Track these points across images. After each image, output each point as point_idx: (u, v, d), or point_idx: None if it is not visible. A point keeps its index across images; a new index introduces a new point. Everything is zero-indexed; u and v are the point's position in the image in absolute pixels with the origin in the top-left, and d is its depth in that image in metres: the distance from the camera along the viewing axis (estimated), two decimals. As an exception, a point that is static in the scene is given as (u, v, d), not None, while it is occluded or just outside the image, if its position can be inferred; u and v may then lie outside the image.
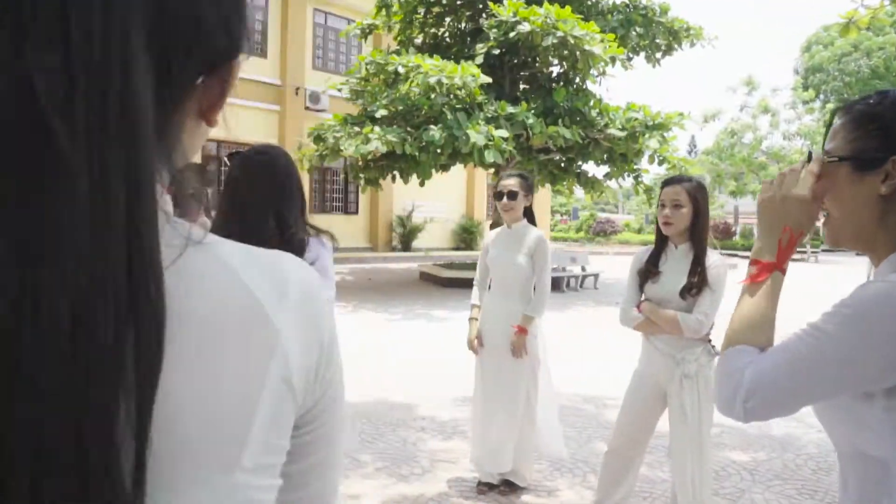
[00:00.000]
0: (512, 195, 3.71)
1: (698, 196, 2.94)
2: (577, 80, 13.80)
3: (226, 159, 2.05)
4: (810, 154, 1.20)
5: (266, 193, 2.03)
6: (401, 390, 5.78)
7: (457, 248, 23.85)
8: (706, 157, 32.37)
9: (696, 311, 2.86)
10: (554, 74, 14.23)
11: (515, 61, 13.57)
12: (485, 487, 3.70)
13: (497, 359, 3.71)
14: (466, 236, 24.02)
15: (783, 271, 1.19)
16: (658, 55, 15.22)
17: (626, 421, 3.06)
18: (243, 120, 19.27)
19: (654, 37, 14.58)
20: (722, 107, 45.69)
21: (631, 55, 14.90)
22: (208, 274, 0.54)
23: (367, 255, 21.27)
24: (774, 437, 4.81)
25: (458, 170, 18.77)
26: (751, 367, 1.09)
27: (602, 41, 11.96)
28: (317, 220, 11.09)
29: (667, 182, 3.03)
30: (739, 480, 4.02)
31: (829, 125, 1.21)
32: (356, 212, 22.71)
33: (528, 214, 3.84)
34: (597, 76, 13.53)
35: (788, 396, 1.07)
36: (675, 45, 15.02)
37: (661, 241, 3.07)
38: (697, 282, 2.88)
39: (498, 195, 3.77)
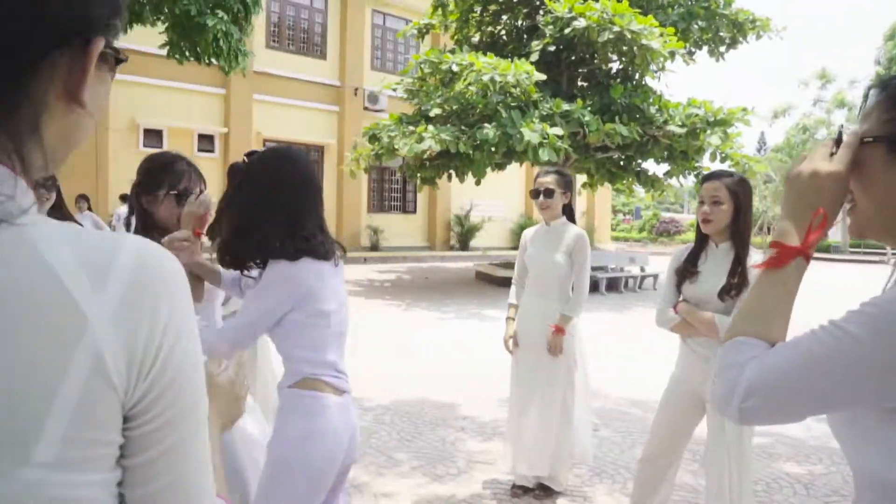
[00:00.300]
0: (548, 193, 3.63)
1: (739, 192, 2.79)
2: (636, 76, 13.48)
3: (245, 158, 2.00)
4: (841, 132, 1.06)
5: (279, 195, 1.94)
6: (445, 389, 5.75)
7: (515, 248, 23.65)
8: (775, 155, 31.12)
9: (734, 313, 2.71)
10: (613, 71, 13.95)
11: (573, 58, 13.36)
12: (519, 490, 3.63)
13: (533, 359, 3.63)
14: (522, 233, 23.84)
15: (808, 258, 1.03)
16: (722, 49, 14.69)
17: (660, 427, 2.93)
18: (302, 121, 19.68)
19: (717, 30, 14.09)
20: (793, 102, 43.81)
21: (693, 49, 14.46)
22: (5, 253, 0.51)
23: (424, 255, 21.37)
24: (835, 449, 4.54)
25: (516, 168, 18.62)
26: (754, 363, 0.95)
27: (661, 35, 11.64)
28: (375, 219, 11.34)
29: (706, 177, 2.89)
30: (792, 494, 3.81)
31: (863, 104, 1.08)
32: (414, 211, 22.85)
33: (568, 212, 3.75)
34: (656, 72, 13.17)
35: (794, 401, 0.93)
36: (740, 38, 14.47)
37: (701, 240, 2.93)
38: (737, 283, 2.74)
39: (534, 193, 3.69)
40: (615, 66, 13.87)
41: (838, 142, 1.04)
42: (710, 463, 2.79)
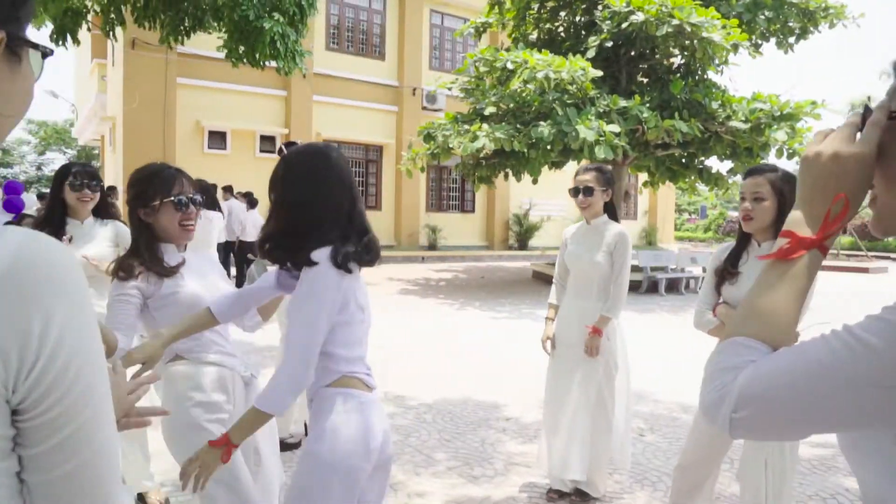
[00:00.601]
0: (588, 191, 3.53)
1: (784, 188, 2.63)
2: (698, 70, 13.05)
3: (283, 147, 1.97)
4: (867, 107, 0.91)
5: (302, 192, 1.88)
6: (490, 389, 5.70)
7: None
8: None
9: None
10: (674, 66, 13.54)
11: (632, 53, 13.04)
12: (555, 495, 3.54)
13: (571, 361, 3.55)
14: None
15: (824, 250, 0.90)
16: (791, 40, 14.03)
17: (697, 434, 2.80)
18: (361, 121, 19.93)
19: (785, 20, 13.46)
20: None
21: (759, 41, 13.87)
22: None
23: (482, 254, 21.31)
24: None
25: (576, 167, 18.38)
26: (750, 369, 0.83)
27: (723, 28, 11.23)
28: (433, 218, 11.36)
29: (748, 172, 2.74)
30: (849, 508, 3.60)
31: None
32: (472, 210, 22.82)
33: (610, 210, 3.65)
34: (718, 65, 12.71)
35: (793, 416, 0.80)
36: (811, 28, 13.78)
37: (743, 239, 2.79)
38: (781, 284, 2.59)
39: (573, 191, 3.60)
40: (677, 60, 13.47)
41: (865, 119, 0.90)
42: (746, 476, 2.64)
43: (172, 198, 2.18)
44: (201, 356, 2.23)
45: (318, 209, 1.86)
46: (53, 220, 3.14)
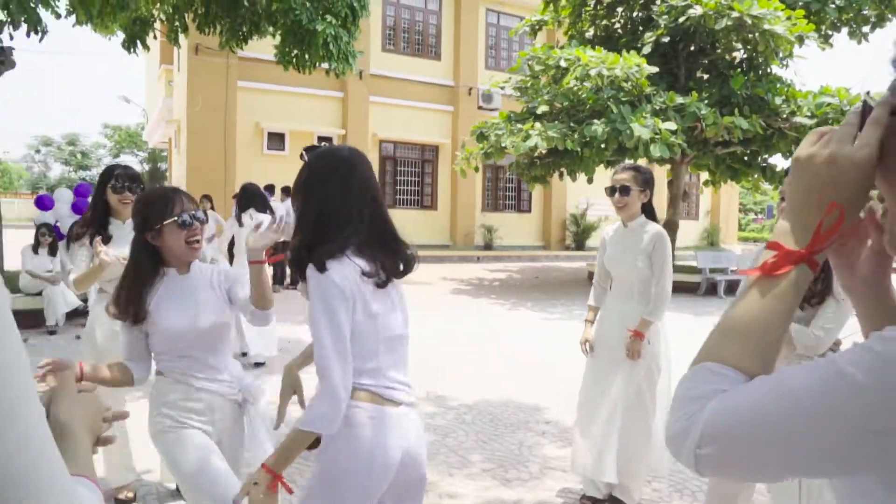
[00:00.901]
0: (624, 190, 3.43)
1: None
2: (762, 64, 12.56)
3: (304, 152, 1.93)
4: (866, 103, 0.79)
5: (325, 198, 1.83)
6: (533, 391, 5.63)
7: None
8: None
9: (814, 323, 2.44)
10: (736, 60, 13.08)
11: (692, 48, 12.67)
12: (588, 501, 3.47)
13: (610, 363, 3.47)
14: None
15: (814, 266, 0.80)
16: (865, 29, 13.33)
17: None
18: (417, 121, 20.05)
19: (859, 8, 12.79)
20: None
21: (830, 32, 13.25)
22: None
23: (539, 254, 21.14)
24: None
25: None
26: (718, 400, 0.72)
27: (788, 19, 10.77)
28: (489, 218, 11.38)
29: (787, 171, 2.61)
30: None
31: None
32: (529, 210, 22.65)
33: (648, 211, 3.54)
34: (782, 59, 12.20)
35: (763, 458, 0.69)
36: (889, 15, 13.06)
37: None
38: (820, 289, 2.46)
39: (610, 190, 3.51)
40: (739, 55, 13.00)
41: (864, 117, 0.78)
42: (778, 495, 2.51)
43: (175, 217, 2.21)
44: (181, 377, 2.26)
45: (338, 215, 1.79)
46: (96, 221, 3.26)
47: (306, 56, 9.31)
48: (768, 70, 12.65)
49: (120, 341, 2.29)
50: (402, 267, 1.88)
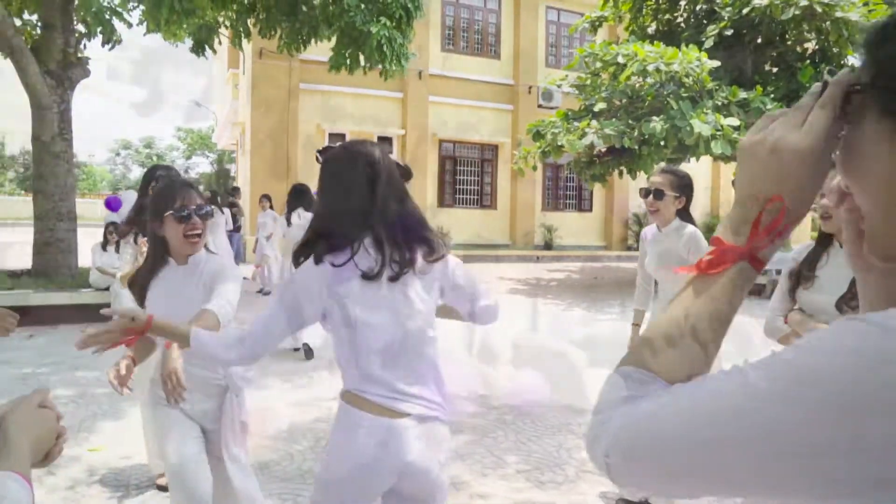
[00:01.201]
0: (658, 194, 3.29)
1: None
2: (837, 55, 11.96)
3: (318, 154, 1.93)
4: (825, 83, 0.70)
5: (333, 197, 1.84)
6: (578, 393, 5.52)
7: (697, 248, 22.21)
8: None
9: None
10: (809, 51, 12.51)
11: (758, 41, 12.20)
12: (623, 503, 3.39)
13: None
14: (711, 235, 22.26)
15: (757, 265, 0.73)
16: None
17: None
18: (477, 121, 20.03)
19: (943, -6, 12.04)
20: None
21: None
22: None
23: (600, 254, 20.79)
24: None
25: (704, 163, 17.43)
26: (629, 408, 0.66)
27: (865, 5, 10.23)
28: (549, 217, 11.28)
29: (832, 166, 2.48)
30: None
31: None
32: (590, 209, 22.31)
33: (685, 217, 3.39)
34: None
35: (671, 472, 0.62)
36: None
37: (823, 240, 2.53)
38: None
39: (644, 192, 3.39)
40: (811, 45, 12.43)
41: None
42: None
43: (173, 211, 2.28)
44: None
45: (337, 213, 1.80)
46: (141, 220, 3.41)
47: (360, 58, 9.44)
48: (843, 62, 12.05)
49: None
50: (422, 256, 1.82)
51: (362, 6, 9.30)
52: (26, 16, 11.08)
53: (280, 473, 3.73)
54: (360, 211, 1.80)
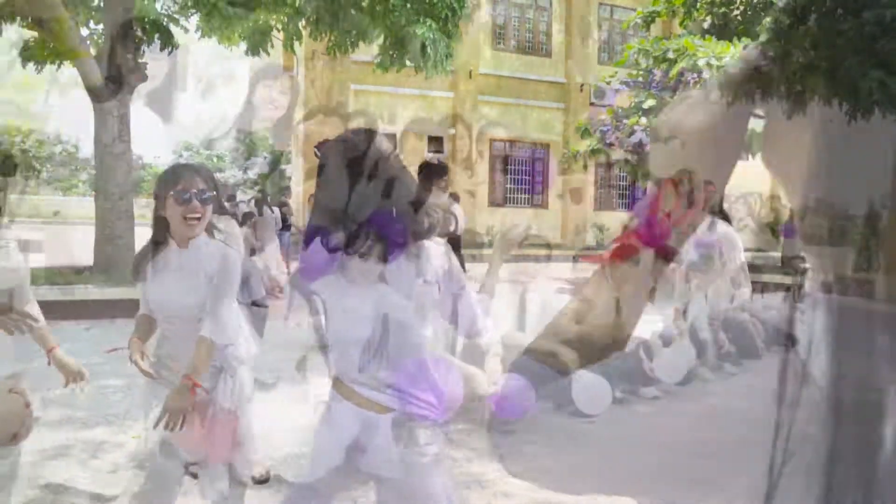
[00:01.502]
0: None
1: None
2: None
3: (316, 149, 1.90)
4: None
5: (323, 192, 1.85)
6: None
7: (754, 249, 21.50)
8: None
9: None
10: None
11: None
12: (645, 509, 3.33)
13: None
14: (769, 238, 21.50)
15: (666, 254, 0.69)
16: None
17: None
18: (527, 119, 19.94)
19: None
20: None
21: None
22: None
23: (653, 254, 20.38)
24: None
25: (757, 161, 16.90)
26: None
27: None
28: (601, 216, 11.20)
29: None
30: None
31: None
32: (644, 208, 21.89)
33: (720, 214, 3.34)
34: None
35: None
36: None
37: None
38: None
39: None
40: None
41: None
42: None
43: (174, 192, 2.32)
44: (168, 334, 2.53)
45: (323, 206, 1.81)
46: None
47: (405, 59, 9.54)
48: None
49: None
50: (404, 252, 1.79)
51: (408, 5, 9.38)
52: (92, 25, 11.64)
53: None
54: (337, 205, 1.78)
